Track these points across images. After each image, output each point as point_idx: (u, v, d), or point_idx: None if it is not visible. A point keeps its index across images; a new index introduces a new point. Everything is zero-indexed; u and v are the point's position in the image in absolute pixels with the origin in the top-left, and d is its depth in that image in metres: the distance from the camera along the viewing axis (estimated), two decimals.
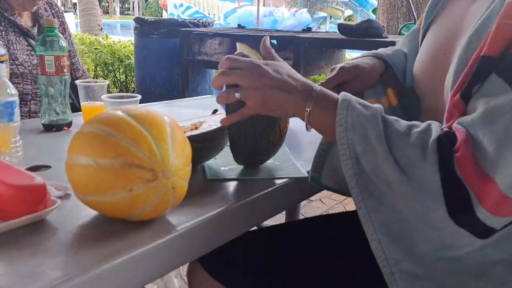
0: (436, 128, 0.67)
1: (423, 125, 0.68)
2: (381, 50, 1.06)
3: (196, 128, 0.87)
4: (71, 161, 0.61)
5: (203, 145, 0.82)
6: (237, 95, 0.74)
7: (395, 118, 0.70)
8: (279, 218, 1.50)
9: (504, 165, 0.60)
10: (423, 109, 0.93)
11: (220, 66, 0.77)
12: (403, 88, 1.00)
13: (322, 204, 2.79)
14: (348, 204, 2.80)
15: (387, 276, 0.68)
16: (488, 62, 0.66)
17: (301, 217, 1.58)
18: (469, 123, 0.65)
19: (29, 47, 1.64)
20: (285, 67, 0.77)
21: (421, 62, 0.92)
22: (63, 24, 1.78)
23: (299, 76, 0.76)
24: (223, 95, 0.77)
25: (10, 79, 1.11)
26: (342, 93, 0.72)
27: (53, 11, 1.74)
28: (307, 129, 0.76)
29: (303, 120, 0.74)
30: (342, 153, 0.68)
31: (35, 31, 1.66)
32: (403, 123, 0.69)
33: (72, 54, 1.81)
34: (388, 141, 0.66)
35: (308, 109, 0.72)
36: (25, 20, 1.65)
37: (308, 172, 0.84)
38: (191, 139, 0.71)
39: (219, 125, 0.84)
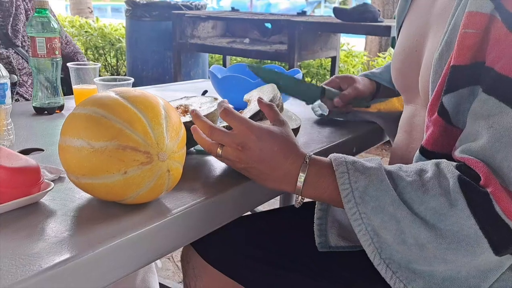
0: (448, 168, 0.64)
1: (431, 167, 0.65)
2: (369, 71, 1.11)
3: (186, 111, 0.86)
4: (64, 144, 0.60)
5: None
6: (219, 151, 0.69)
7: (398, 166, 0.66)
8: (274, 203, 1.50)
9: None
10: (405, 103, 0.95)
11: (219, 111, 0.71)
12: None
13: None
14: None
15: None
16: (458, 71, 0.66)
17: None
18: (480, 152, 0.62)
19: None
20: (275, 141, 0.68)
21: (397, 59, 0.93)
22: None
23: (290, 147, 0.69)
24: (207, 144, 0.70)
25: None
26: (334, 160, 0.67)
27: None
28: (296, 205, 0.71)
29: (293, 193, 0.69)
30: (357, 229, 0.63)
31: None
32: (410, 171, 0.65)
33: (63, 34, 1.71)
34: (405, 201, 0.62)
35: (300, 185, 0.67)
36: None
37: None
38: (185, 125, 0.70)
39: (209, 108, 0.83)
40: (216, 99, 0.89)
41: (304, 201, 0.71)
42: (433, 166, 0.65)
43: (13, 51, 1.47)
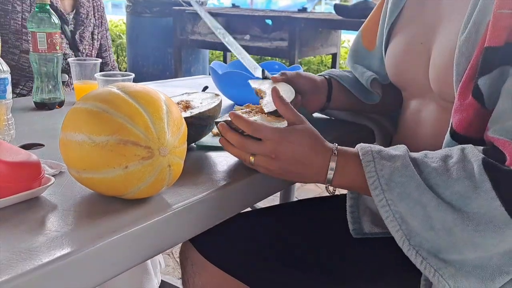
0: (473, 152, 0.64)
1: (456, 152, 0.65)
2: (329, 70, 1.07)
3: (187, 107, 0.86)
4: (65, 138, 0.60)
5: (196, 125, 0.81)
6: (251, 159, 0.71)
7: (424, 153, 0.67)
8: (273, 200, 1.51)
9: None
10: (406, 99, 0.94)
11: (240, 123, 0.71)
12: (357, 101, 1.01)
13: (316, 187, 2.80)
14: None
15: None
16: (493, 53, 0.66)
17: (294, 199, 1.58)
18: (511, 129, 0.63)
19: (60, 30, 1.63)
20: (304, 140, 0.70)
21: (396, 55, 0.92)
22: (101, 18, 1.78)
23: (318, 143, 0.71)
24: (239, 154, 0.73)
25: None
26: (361, 149, 0.68)
27: (95, 3, 1.75)
28: (329, 192, 0.74)
29: (324, 183, 0.71)
30: (385, 215, 0.64)
31: (70, 16, 1.66)
32: (435, 158, 0.65)
33: (104, 48, 1.82)
34: (431, 186, 0.63)
35: (330, 177, 0.69)
36: (64, 5, 1.66)
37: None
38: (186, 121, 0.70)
39: (210, 104, 0.84)
40: (217, 95, 0.89)
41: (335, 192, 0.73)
42: (458, 151, 0.65)
43: (74, 54, 1.68)
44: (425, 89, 0.84)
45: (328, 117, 1.12)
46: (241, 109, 0.86)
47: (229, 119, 0.72)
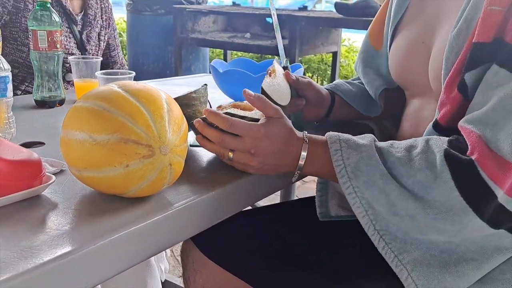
0: (437, 143, 0.66)
1: (421, 143, 0.68)
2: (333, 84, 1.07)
3: None
4: (66, 137, 0.60)
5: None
6: (230, 155, 0.73)
7: (389, 143, 0.70)
8: (274, 199, 1.51)
9: None
10: (408, 98, 0.94)
11: (216, 120, 0.72)
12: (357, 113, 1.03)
13: None
14: None
15: None
16: (481, 48, 0.67)
17: (295, 198, 1.58)
18: (480, 119, 0.64)
19: (68, 30, 1.65)
20: (280, 133, 0.72)
21: (399, 54, 0.92)
22: (108, 19, 1.80)
23: (292, 133, 0.73)
24: (217, 150, 0.74)
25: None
26: (329, 138, 0.71)
27: (102, 5, 1.77)
28: (293, 180, 0.77)
29: (294, 171, 0.74)
30: (352, 202, 0.67)
31: (79, 17, 1.68)
32: (400, 147, 0.68)
33: (113, 47, 1.85)
34: (394, 175, 0.65)
35: (301, 164, 0.72)
36: (73, 5, 1.67)
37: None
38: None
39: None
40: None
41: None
42: (423, 142, 0.68)
43: (81, 54, 1.70)
44: (426, 88, 0.84)
45: None
46: (225, 108, 0.86)
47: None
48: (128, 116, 0.58)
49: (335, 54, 3.50)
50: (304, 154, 0.72)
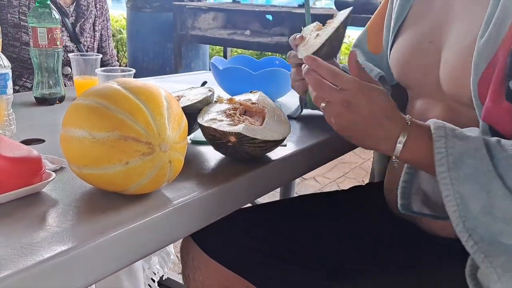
0: None
1: None
2: None
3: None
4: (66, 134, 0.61)
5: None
6: (322, 105, 0.69)
7: (496, 139, 0.65)
8: (274, 196, 1.51)
9: None
10: (412, 98, 0.92)
11: (319, 69, 0.69)
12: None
13: (316, 182, 2.80)
14: (342, 183, 2.82)
15: None
16: None
17: (295, 195, 1.59)
18: None
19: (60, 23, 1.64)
20: (382, 102, 0.68)
21: (403, 55, 0.90)
22: (102, 8, 1.81)
23: (394, 109, 0.69)
24: (314, 95, 0.70)
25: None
26: (434, 124, 0.67)
27: None
28: (396, 165, 0.71)
29: (390, 154, 0.69)
30: (445, 193, 0.63)
31: (70, 9, 1.68)
32: (508, 144, 0.64)
33: (104, 38, 1.85)
34: (500, 174, 0.61)
35: (399, 148, 0.67)
36: None
37: None
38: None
39: (199, 98, 0.84)
40: (210, 90, 0.90)
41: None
42: None
43: (76, 47, 1.69)
44: (433, 88, 0.82)
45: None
46: (224, 103, 0.86)
47: None
48: (127, 113, 0.58)
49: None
50: (402, 139, 0.66)
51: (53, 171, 0.68)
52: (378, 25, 1.01)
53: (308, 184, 2.77)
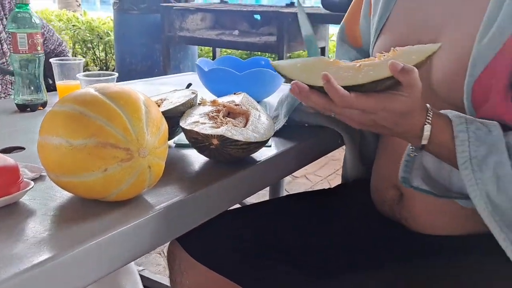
0: None
1: None
2: None
3: (158, 106, 0.86)
4: (43, 142, 0.59)
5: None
6: (332, 114, 0.67)
7: None
8: (263, 195, 1.50)
9: None
10: None
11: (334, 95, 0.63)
12: None
13: (307, 180, 2.80)
14: (332, 180, 2.82)
15: None
16: None
17: (285, 193, 1.58)
18: None
19: None
20: (396, 110, 0.65)
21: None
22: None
23: (412, 107, 0.66)
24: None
25: None
26: (455, 121, 0.66)
27: None
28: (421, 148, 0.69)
29: (413, 142, 0.69)
30: (472, 194, 0.64)
31: None
32: None
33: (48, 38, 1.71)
34: None
35: (425, 142, 0.67)
36: None
37: None
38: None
39: (181, 101, 0.83)
40: (194, 92, 0.89)
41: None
42: None
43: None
44: (424, 90, 0.78)
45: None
46: (207, 105, 0.85)
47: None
48: (105, 119, 0.57)
49: (323, 50, 3.50)
50: (426, 137, 0.66)
51: (32, 179, 0.67)
52: (355, 19, 1.00)
53: (299, 182, 2.77)
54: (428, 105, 0.68)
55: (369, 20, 0.96)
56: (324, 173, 2.91)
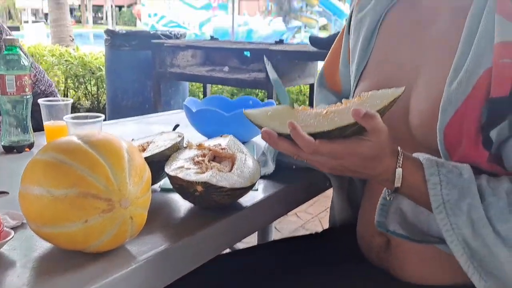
0: None
1: None
2: None
3: (144, 150, 0.86)
4: (24, 192, 0.59)
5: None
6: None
7: (486, 178, 0.67)
8: (251, 238, 1.48)
9: None
10: None
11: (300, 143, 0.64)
12: None
13: (298, 218, 2.78)
14: (323, 218, 2.79)
15: None
16: (499, 103, 0.66)
17: (275, 231, 1.56)
18: None
19: None
20: (367, 154, 0.65)
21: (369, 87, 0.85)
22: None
23: (381, 154, 0.66)
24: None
25: None
26: (425, 164, 0.67)
27: None
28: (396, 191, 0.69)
29: (385, 185, 0.70)
30: (449, 239, 0.65)
31: None
32: (497, 189, 0.66)
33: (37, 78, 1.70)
34: (489, 217, 0.64)
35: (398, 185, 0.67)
36: None
37: None
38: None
39: (167, 145, 0.83)
40: (180, 135, 0.89)
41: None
42: None
43: None
44: (400, 134, 0.78)
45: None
46: (193, 148, 0.85)
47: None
48: (87, 169, 0.57)
49: (312, 86, 3.54)
50: (397, 181, 0.67)
51: (13, 227, 0.65)
52: (335, 64, 1.01)
53: (290, 220, 2.74)
54: (399, 148, 0.68)
55: (348, 67, 0.97)
56: (315, 210, 2.89)
